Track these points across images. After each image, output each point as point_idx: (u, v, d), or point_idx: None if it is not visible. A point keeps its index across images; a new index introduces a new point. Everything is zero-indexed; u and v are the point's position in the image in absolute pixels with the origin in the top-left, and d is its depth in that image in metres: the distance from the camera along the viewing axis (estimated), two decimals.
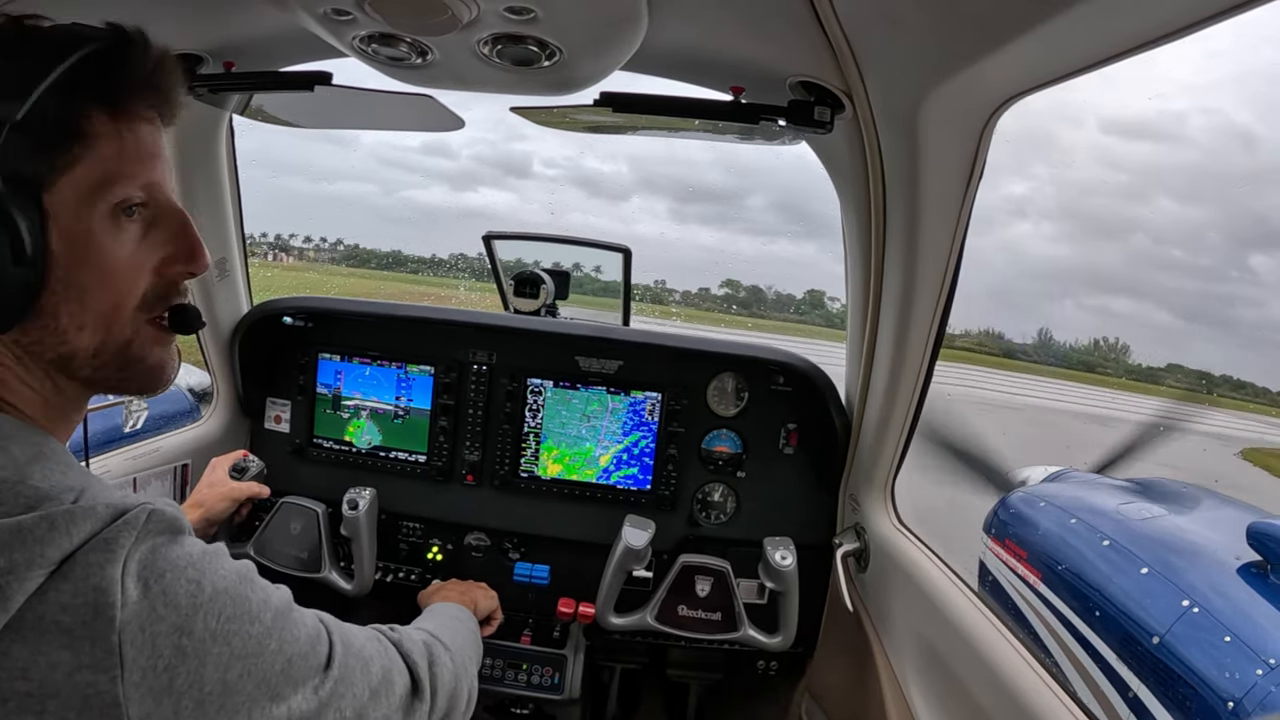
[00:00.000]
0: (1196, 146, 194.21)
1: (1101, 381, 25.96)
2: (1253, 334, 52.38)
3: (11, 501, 0.72)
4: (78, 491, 0.76)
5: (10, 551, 0.68)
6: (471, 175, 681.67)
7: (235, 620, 0.81)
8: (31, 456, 0.77)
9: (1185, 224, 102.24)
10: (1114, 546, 4.23)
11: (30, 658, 0.67)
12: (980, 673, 1.48)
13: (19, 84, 0.78)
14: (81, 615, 0.69)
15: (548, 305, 2.73)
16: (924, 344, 1.78)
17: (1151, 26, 0.95)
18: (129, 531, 0.74)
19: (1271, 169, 78.66)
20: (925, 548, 1.90)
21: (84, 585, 0.70)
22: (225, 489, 2.19)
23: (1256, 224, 78.03)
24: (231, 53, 1.75)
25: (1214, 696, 3.15)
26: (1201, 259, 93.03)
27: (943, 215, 1.56)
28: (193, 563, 0.79)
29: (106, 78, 0.85)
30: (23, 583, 0.68)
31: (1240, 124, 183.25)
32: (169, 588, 0.75)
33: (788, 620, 2.16)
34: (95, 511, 0.74)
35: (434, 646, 1.24)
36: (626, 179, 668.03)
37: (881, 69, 1.41)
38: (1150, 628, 3.58)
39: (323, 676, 0.92)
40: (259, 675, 0.82)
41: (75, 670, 0.69)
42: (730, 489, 2.45)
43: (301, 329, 2.51)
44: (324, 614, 1.00)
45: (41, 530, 0.70)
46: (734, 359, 2.42)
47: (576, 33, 1.38)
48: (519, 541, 2.50)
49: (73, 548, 0.71)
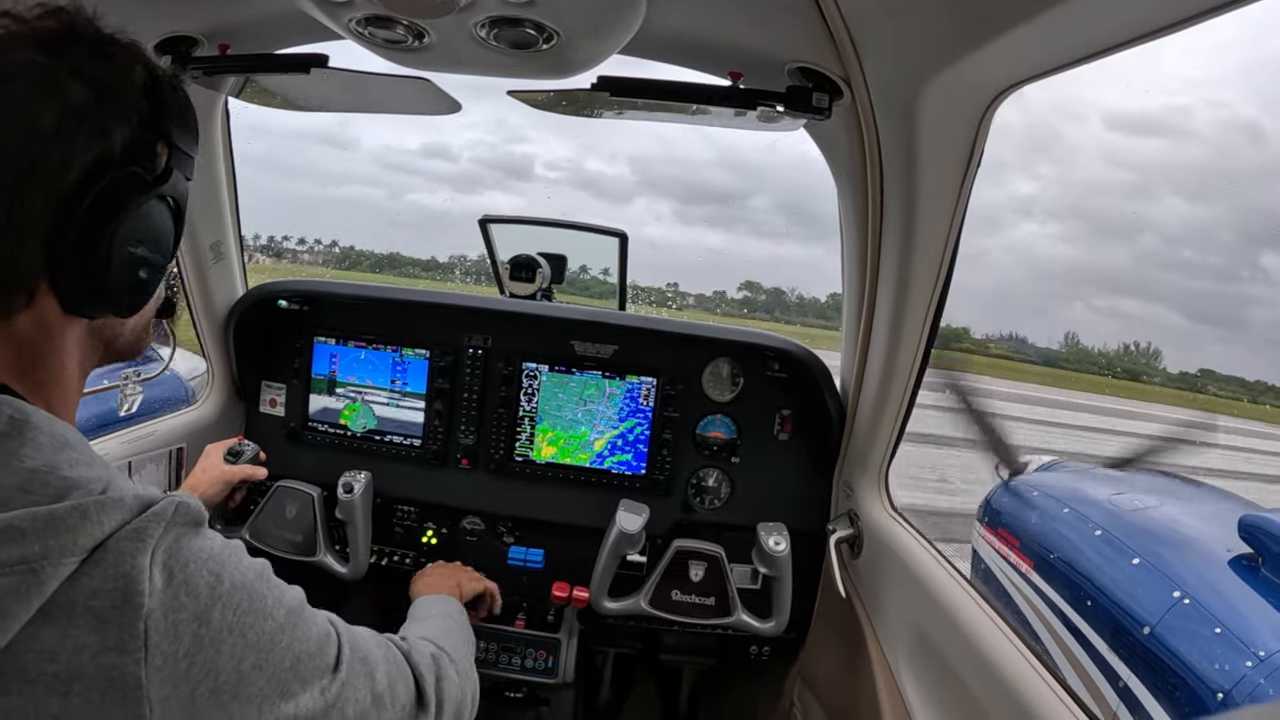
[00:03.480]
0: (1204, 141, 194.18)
1: (1151, 393, 24.64)
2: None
3: (41, 490, 0.74)
4: (105, 483, 0.79)
5: (45, 538, 0.71)
6: (474, 178, 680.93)
7: (250, 614, 0.85)
8: (59, 446, 0.79)
9: (1194, 222, 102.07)
10: (1106, 537, 4.23)
11: (59, 640, 0.70)
12: (971, 659, 1.49)
13: (192, 121, 1.00)
14: (111, 600, 0.73)
15: (543, 289, 2.73)
16: (919, 332, 1.78)
17: (1152, 17, 0.95)
18: (158, 523, 0.78)
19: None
20: (918, 535, 1.91)
21: (115, 572, 0.74)
22: (218, 472, 2.19)
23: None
24: (227, 35, 1.74)
25: (1203, 687, 3.16)
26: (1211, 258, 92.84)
27: (940, 204, 1.56)
28: (214, 556, 0.84)
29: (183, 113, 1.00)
30: (57, 568, 0.71)
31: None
32: (191, 578, 0.79)
33: (781, 606, 2.17)
34: (124, 502, 0.77)
35: (440, 659, 1.28)
36: (629, 181, 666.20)
37: (880, 56, 1.40)
38: (1141, 618, 3.59)
39: (330, 678, 0.95)
40: (270, 669, 0.86)
41: (101, 653, 0.72)
42: (725, 474, 2.46)
43: (297, 313, 2.51)
44: (334, 617, 1.04)
45: (74, 519, 0.73)
46: (729, 344, 2.42)
47: (575, 16, 1.37)
48: (513, 525, 2.51)
49: (104, 536, 0.74)
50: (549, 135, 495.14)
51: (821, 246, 3.91)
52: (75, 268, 0.85)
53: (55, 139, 0.81)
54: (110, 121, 0.85)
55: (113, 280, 0.88)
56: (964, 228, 1.60)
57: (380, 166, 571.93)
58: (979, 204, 1.53)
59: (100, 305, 0.91)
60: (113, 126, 0.85)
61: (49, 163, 0.81)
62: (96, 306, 0.91)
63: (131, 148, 0.88)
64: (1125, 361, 28.49)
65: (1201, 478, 5.90)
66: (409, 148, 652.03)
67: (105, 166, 0.84)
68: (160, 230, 0.94)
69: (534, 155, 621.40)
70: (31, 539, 0.70)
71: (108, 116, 0.85)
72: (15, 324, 0.85)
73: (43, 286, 0.85)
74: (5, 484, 0.74)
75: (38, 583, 0.70)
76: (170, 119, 0.93)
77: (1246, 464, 14.92)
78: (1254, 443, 17.89)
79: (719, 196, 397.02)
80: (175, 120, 0.94)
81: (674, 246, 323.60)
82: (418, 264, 31.82)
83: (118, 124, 0.86)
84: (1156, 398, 24.77)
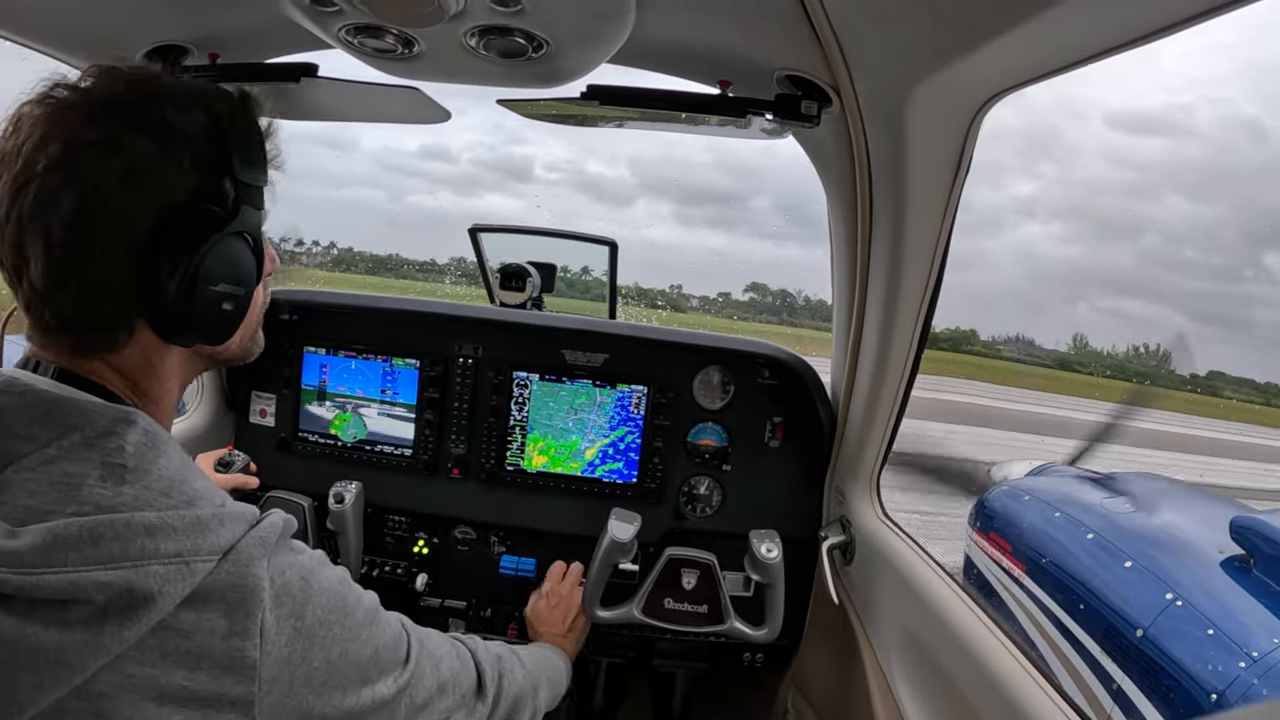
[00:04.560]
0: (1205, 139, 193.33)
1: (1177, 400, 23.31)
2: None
3: (178, 498, 0.88)
4: (222, 497, 0.94)
5: (195, 537, 0.84)
6: (474, 180, 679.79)
7: (336, 611, 0.97)
8: (182, 462, 0.93)
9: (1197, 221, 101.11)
10: (1098, 540, 4.25)
11: (195, 622, 0.83)
12: (965, 665, 1.49)
13: (258, 151, 1.05)
14: (240, 594, 0.86)
15: (534, 298, 2.73)
16: (909, 338, 1.79)
17: (1140, 22, 0.95)
18: (273, 533, 0.93)
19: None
20: (910, 541, 1.91)
21: (245, 570, 0.87)
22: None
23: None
24: (216, 44, 1.74)
25: (1197, 689, 3.17)
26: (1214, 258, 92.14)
27: (929, 210, 1.56)
28: (304, 564, 0.96)
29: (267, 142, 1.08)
30: (204, 563, 0.84)
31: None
32: (289, 582, 0.92)
33: (773, 613, 2.17)
34: (244, 515, 0.92)
35: (509, 660, 1.46)
36: (629, 183, 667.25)
37: (868, 63, 1.41)
38: (1134, 620, 3.60)
39: (402, 669, 1.09)
40: (354, 658, 0.99)
41: (229, 636, 0.84)
42: (716, 482, 2.46)
43: (287, 322, 2.50)
44: (404, 618, 1.18)
45: (214, 524, 0.87)
46: (720, 352, 2.42)
47: (564, 25, 1.37)
48: (505, 535, 2.50)
49: (234, 539, 0.88)
50: (548, 137, 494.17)
51: (821, 249, 3.92)
52: (162, 307, 0.95)
53: (120, 197, 0.89)
54: (171, 172, 0.93)
55: (198, 315, 0.98)
56: (954, 233, 1.60)
57: (380, 168, 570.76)
58: (980, 205, 1.52)
59: (191, 335, 1.02)
60: (175, 176, 0.93)
61: (120, 219, 0.90)
62: (188, 336, 1.02)
63: (197, 191, 0.95)
64: (1139, 365, 27.94)
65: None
66: (408, 149, 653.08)
67: (175, 214, 0.93)
68: (237, 263, 1.02)
69: (533, 157, 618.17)
70: (183, 535, 0.83)
71: (167, 169, 0.93)
72: (123, 355, 0.98)
73: (140, 323, 0.96)
74: (151, 487, 0.86)
75: (190, 573, 0.83)
76: (233, 157, 0.99)
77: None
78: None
79: (719, 198, 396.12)
80: (239, 156, 1.00)
81: (675, 248, 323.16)
82: (414, 265, 31.78)
83: (179, 173, 0.93)
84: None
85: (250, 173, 1.02)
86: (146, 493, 0.85)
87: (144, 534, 0.81)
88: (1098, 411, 14.14)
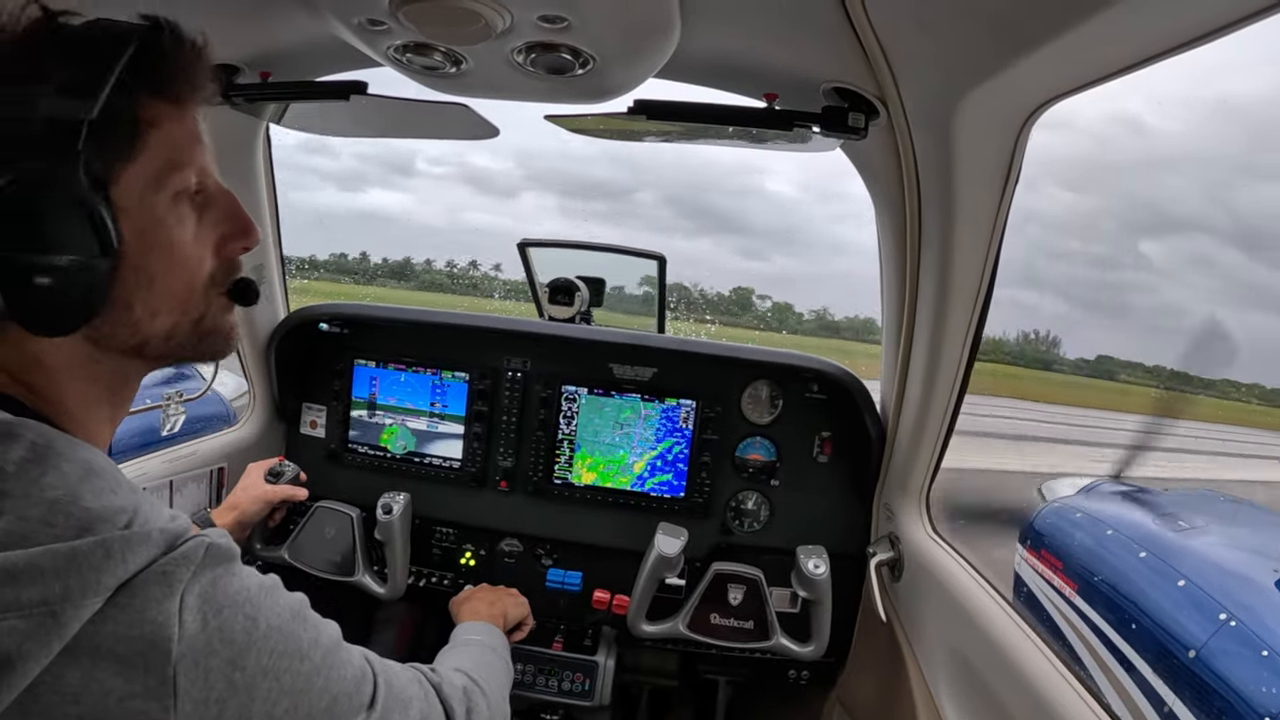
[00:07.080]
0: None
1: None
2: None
3: (64, 524, 0.70)
4: (130, 514, 0.75)
5: (66, 577, 0.68)
6: (358, 175, 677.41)
7: (286, 657, 0.83)
8: (82, 474, 0.75)
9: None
10: (1151, 558, 4.16)
11: (83, 683, 0.68)
12: (1015, 686, 1.46)
13: (86, 83, 0.80)
14: (137, 646, 0.70)
15: (582, 312, 2.74)
16: (960, 351, 1.76)
17: (1191, 25, 0.93)
18: (186, 566, 0.75)
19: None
20: (960, 558, 1.88)
21: (140, 618, 0.71)
22: (259, 492, 2.22)
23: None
24: (267, 62, 1.77)
25: (1251, 712, 3.09)
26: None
27: (978, 221, 1.54)
28: (250, 598, 0.81)
29: (157, 69, 0.87)
30: (79, 610, 0.68)
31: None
32: (226, 623, 0.77)
33: (820, 630, 2.15)
34: (150, 538, 0.74)
35: (473, 694, 1.26)
36: (515, 175, 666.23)
37: (915, 74, 1.40)
38: (1187, 641, 3.51)
39: (365, 715, 0.94)
40: (305, 711, 0.85)
41: (128, 698, 0.69)
42: (764, 497, 2.44)
43: (338, 335, 2.54)
44: (368, 652, 1.02)
45: (98, 558, 0.70)
46: (768, 366, 2.41)
47: (610, 40, 1.38)
48: (551, 548, 2.51)
49: (128, 575, 0.71)
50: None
51: (709, 240, 3.71)
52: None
53: None
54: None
55: (10, 296, 0.78)
56: (1004, 243, 1.58)
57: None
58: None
59: (33, 322, 0.81)
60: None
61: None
62: (45, 324, 0.82)
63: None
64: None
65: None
66: (286, 144, 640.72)
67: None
68: (41, 225, 0.79)
69: (416, 150, 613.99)
70: (52, 578, 0.67)
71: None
72: (2, 356, 0.84)
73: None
74: (28, 515, 0.69)
75: (57, 625, 0.67)
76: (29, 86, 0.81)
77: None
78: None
79: (607, 191, 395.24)
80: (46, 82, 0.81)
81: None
82: (293, 263, 32.56)
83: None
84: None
85: (62, 103, 0.79)
86: (22, 524, 0.69)
87: (4, 581, 0.66)
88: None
